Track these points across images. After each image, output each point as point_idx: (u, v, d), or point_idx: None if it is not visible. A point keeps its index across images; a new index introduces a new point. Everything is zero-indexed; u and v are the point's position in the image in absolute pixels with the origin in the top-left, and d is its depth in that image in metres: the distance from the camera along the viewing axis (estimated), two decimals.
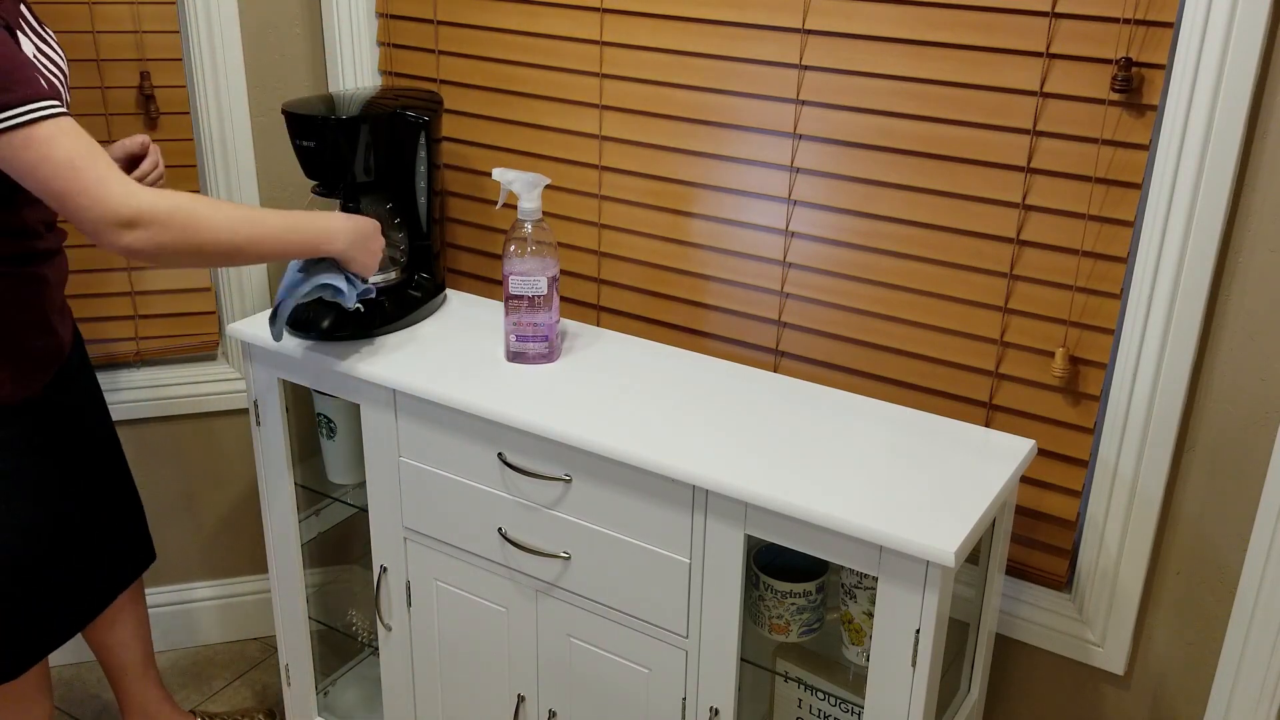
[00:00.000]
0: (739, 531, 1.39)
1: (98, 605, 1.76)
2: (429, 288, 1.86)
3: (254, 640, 2.45)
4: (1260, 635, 1.49)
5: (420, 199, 1.84)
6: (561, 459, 1.51)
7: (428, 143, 1.80)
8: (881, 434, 1.52)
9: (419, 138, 1.79)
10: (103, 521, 1.75)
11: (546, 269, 1.63)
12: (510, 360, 1.68)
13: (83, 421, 1.71)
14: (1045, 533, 1.64)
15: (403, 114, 1.77)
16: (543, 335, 1.66)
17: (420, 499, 1.67)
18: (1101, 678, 1.67)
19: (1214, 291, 1.44)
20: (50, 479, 1.62)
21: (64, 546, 1.66)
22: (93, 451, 1.73)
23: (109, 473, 1.77)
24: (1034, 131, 1.49)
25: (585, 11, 1.79)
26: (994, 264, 1.57)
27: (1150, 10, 1.38)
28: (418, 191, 1.83)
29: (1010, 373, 1.60)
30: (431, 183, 1.83)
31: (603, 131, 1.85)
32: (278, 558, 1.91)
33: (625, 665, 1.56)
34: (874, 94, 1.59)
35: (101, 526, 1.74)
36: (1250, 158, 1.38)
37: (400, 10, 2.01)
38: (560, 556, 1.55)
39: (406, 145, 1.79)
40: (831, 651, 1.58)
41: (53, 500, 1.63)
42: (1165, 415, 1.49)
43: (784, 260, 1.73)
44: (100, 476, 1.74)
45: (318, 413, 1.90)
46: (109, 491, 1.77)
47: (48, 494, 1.62)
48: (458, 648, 1.73)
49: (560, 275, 1.96)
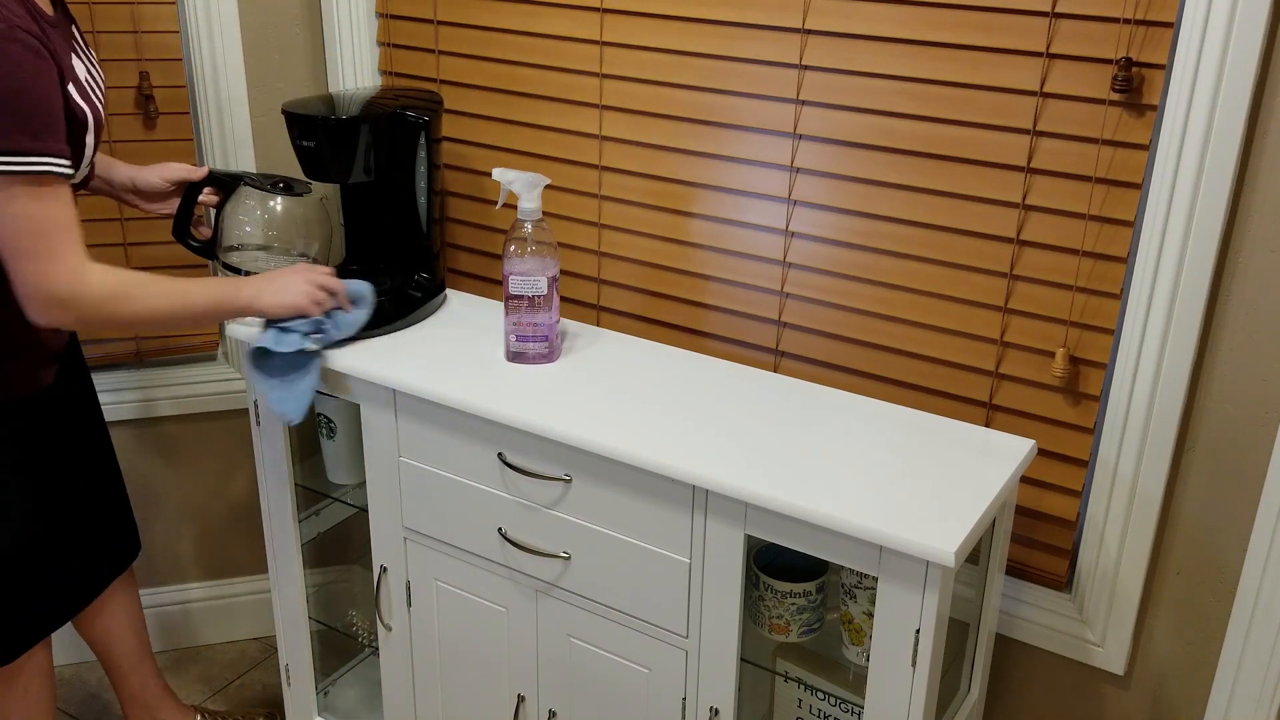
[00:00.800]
0: (739, 531, 1.39)
1: (90, 593, 1.79)
2: (429, 288, 1.86)
3: (254, 640, 2.45)
4: (1260, 635, 1.49)
5: (420, 199, 1.84)
6: (561, 459, 1.51)
7: (427, 143, 1.80)
8: (881, 434, 1.52)
9: (419, 138, 1.79)
10: (97, 511, 1.78)
11: (546, 269, 1.63)
12: (510, 360, 1.68)
13: (81, 412, 1.74)
14: (1045, 533, 1.64)
15: (402, 114, 1.77)
16: (543, 335, 1.66)
17: (420, 499, 1.67)
18: (1101, 678, 1.67)
19: (1214, 291, 1.44)
20: (54, 469, 1.65)
21: (63, 534, 1.69)
22: (89, 442, 1.77)
23: (103, 463, 1.80)
24: (1034, 131, 1.49)
25: (585, 11, 1.79)
26: (994, 264, 1.57)
27: (1150, 10, 1.38)
28: (417, 191, 1.83)
29: (1010, 373, 1.60)
30: (431, 183, 1.83)
31: (603, 131, 1.85)
32: (278, 558, 1.91)
33: (625, 665, 1.56)
34: (874, 94, 1.59)
35: (95, 515, 1.77)
36: (1250, 158, 1.38)
37: (400, 10, 2.01)
38: (560, 556, 1.55)
39: (406, 146, 1.79)
40: (831, 651, 1.58)
41: (54, 490, 1.66)
42: (1165, 415, 1.49)
43: (784, 260, 1.73)
44: (95, 467, 1.78)
45: (318, 413, 1.90)
46: (102, 482, 1.80)
47: (51, 484, 1.65)
48: (458, 648, 1.73)
49: (560, 275, 1.95)
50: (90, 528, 1.76)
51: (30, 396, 1.58)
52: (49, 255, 1.38)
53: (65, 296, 1.41)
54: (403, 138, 1.79)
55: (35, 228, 1.37)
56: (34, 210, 1.36)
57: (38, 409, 1.61)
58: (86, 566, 1.76)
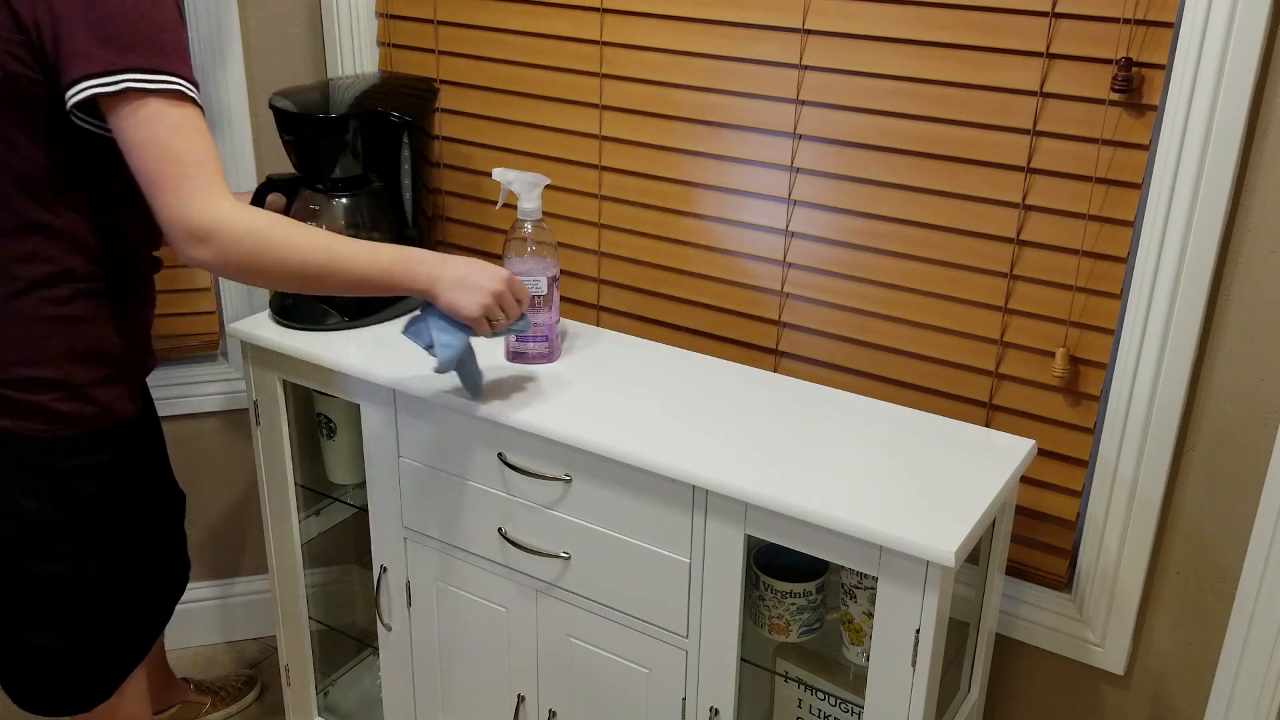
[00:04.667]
0: (739, 531, 1.39)
1: (170, 612, 1.72)
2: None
3: (254, 640, 2.45)
4: (1260, 635, 1.49)
5: (405, 195, 1.84)
6: (561, 459, 1.51)
7: (411, 140, 1.80)
8: (881, 434, 1.52)
9: (402, 137, 1.80)
10: (175, 528, 1.75)
11: (546, 269, 1.63)
12: (510, 360, 1.68)
13: (158, 432, 1.72)
14: (1045, 533, 1.64)
15: (385, 115, 1.77)
16: (543, 335, 1.66)
17: (420, 499, 1.67)
18: (1101, 678, 1.67)
19: (1214, 291, 1.44)
20: (150, 492, 1.61)
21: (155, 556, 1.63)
22: (164, 460, 1.74)
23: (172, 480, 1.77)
24: (1034, 131, 1.49)
25: (585, 11, 1.79)
26: (994, 264, 1.57)
27: (1150, 10, 1.38)
28: (402, 189, 1.84)
29: (1010, 373, 1.60)
30: (420, 178, 1.82)
31: (603, 131, 1.85)
32: (278, 558, 1.91)
33: (625, 665, 1.56)
34: (874, 94, 1.59)
35: (176, 534, 1.75)
36: (1250, 158, 1.38)
37: (400, 10, 2.01)
38: (560, 556, 1.55)
39: (390, 143, 1.79)
40: (831, 651, 1.58)
41: (151, 513, 1.61)
42: (1165, 415, 1.49)
43: (784, 260, 1.73)
44: (171, 484, 1.76)
45: (318, 413, 1.90)
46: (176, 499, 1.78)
47: (148, 507, 1.60)
48: (458, 648, 1.73)
49: (560, 275, 1.96)
50: (170, 547, 1.72)
51: (130, 420, 1.51)
52: (187, 182, 1.28)
53: (207, 227, 1.29)
54: (387, 136, 1.78)
55: (172, 154, 1.28)
56: (172, 134, 1.28)
57: (139, 434, 1.56)
58: (169, 589, 1.71)
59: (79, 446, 1.44)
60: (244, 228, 1.31)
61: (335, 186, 1.76)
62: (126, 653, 1.60)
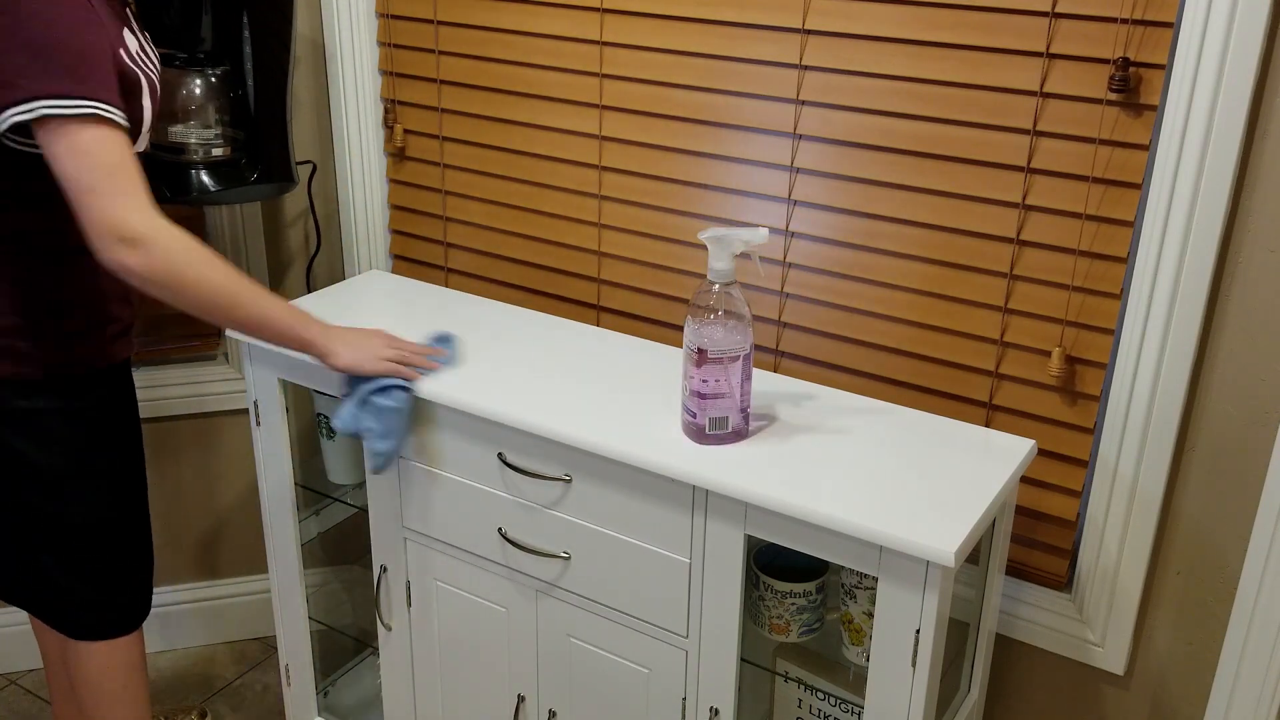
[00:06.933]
0: (739, 531, 1.39)
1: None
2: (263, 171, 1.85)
3: (254, 640, 2.45)
4: (1260, 635, 1.49)
5: (248, 80, 1.78)
6: (561, 459, 1.51)
7: (253, 20, 1.76)
8: (881, 434, 1.52)
9: (241, 15, 1.76)
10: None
11: (734, 343, 1.41)
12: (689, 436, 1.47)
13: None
14: (1045, 533, 1.64)
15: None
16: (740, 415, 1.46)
17: (420, 499, 1.67)
18: (1101, 678, 1.67)
19: (1214, 291, 1.44)
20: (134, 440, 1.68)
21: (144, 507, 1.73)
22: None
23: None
24: (1034, 131, 1.49)
25: (585, 11, 1.80)
26: (994, 264, 1.57)
27: (1150, 10, 1.38)
28: (245, 73, 1.79)
29: (1010, 373, 1.60)
30: (274, 62, 1.76)
31: (603, 131, 1.85)
32: (278, 558, 1.91)
33: (625, 665, 1.56)
34: (874, 94, 1.59)
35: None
36: (1250, 158, 1.38)
37: (400, 10, 2.01)
38: (560, 556, 1.55)
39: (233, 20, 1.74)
40: (831, 651, 1.58)
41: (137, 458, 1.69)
42: (1165, 415, 1.49)
43: (784, 260, 1.73)
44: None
45: (318, 413, 1.90)
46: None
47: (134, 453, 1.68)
48: (458, 648, 1.73)
49: (560, 275, 1.96)
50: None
51: (110, 368, 1.58)
52: (118, 190, 1.34)
53: (137, 233, 1.34)
54: (229, 11, 1.75)
55: (99, 164, 1.33)
56: (95, 149, 1.32)
57: (122, 383, 1.62)
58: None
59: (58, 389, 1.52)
60: (175, 243, 1.38)
61: (170, 63, 1.74)
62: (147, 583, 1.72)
